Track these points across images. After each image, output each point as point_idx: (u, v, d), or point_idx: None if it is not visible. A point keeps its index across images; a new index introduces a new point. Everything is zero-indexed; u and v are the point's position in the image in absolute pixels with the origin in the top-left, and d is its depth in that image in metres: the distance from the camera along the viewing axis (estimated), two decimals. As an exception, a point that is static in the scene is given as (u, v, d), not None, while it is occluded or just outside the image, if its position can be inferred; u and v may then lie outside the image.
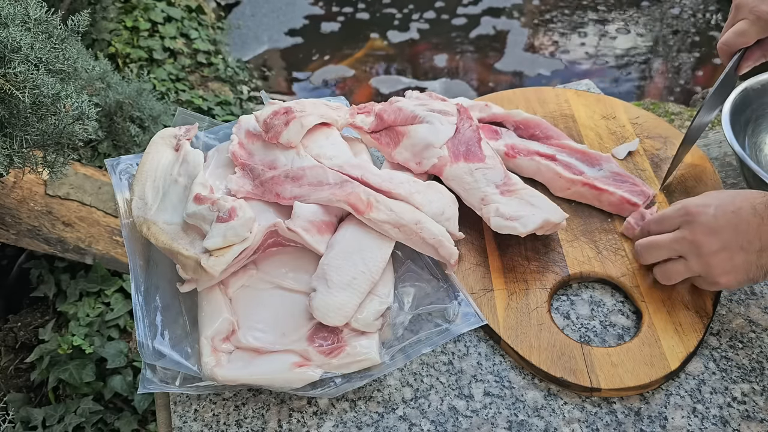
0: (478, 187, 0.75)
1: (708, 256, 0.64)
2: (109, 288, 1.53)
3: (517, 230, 0.71)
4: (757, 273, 0.63)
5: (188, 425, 0.63)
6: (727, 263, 0.63)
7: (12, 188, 1.41)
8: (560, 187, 0.81)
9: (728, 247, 0.62)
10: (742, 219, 0.62)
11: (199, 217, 0.66)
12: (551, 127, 0.86)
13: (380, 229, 0.68)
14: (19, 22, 1.01)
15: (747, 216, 0.62)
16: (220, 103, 2.36)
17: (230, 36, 3.02)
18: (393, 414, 0.63)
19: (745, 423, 0.62)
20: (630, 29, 3.02)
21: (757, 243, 0.61)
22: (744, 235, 0.62)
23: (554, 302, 0.72)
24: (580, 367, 0.64)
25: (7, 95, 0.96)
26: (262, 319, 0.66)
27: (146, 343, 0.64)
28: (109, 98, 1.63)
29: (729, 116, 0.84)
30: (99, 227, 1.51)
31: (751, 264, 0.62)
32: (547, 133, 0.85)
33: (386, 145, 0.80)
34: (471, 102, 0.90)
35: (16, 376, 1.45)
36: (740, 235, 0.62)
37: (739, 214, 0.62)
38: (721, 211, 0.63)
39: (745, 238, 0.62)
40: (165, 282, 0.70)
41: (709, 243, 0.63)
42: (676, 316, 0.68)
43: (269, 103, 0.77)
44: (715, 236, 0.63)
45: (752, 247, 0.62)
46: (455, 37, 3.00)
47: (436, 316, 0.67)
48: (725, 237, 0.62)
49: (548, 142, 0.85)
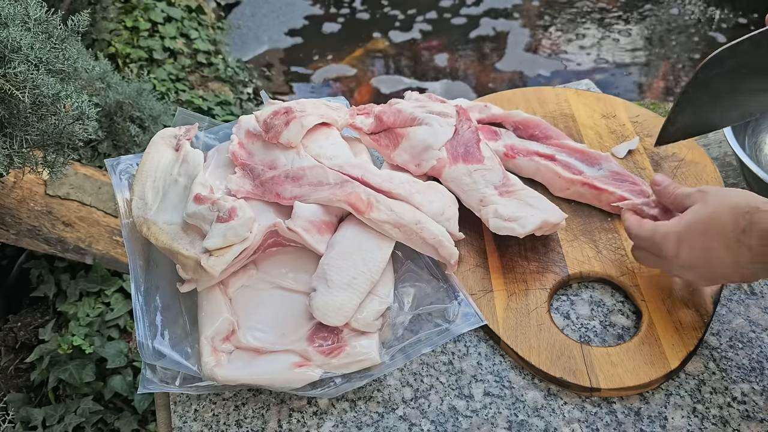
0: (477, 189, 0.75)
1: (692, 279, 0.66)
2: (109, 288, 1.53)
3: (516, 231, 0.71)
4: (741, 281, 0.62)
5: (188, 425, 0.63)
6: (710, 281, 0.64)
7: (12, 188, 1.41)
8: (560, 187, 0.81)
9: (708, 277, 0.63)
10: (715, 256, 0.59)
11: (199, 217, 0.66)
12: (550, 126, 0.86)
13: (380, 229, 0.68)
14: (19, 22, 1.01)
15: (719, 255, 0.59)
16: (220, 103, 2.36)
17: (230, 36, 3.02)
18: (393, 414, 0.63)
19: (745, 423, 0.62)
20: (630, 29, 3.02)
21: (737, 275, 0.60)
22: (720, 269, 0.60)
23: (554, 302, 0.72)
24: (580, 367, 0.64)
25: (7, 95, 0.96)
26: (262, 319, 0.66)
27: (146, 343, 0.64)
28: (109, 98, 1.63)
29: (729, 116, 0.84)
30: (99, 227, 1.51)
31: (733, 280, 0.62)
32: (547, 133, 0.85)
33: (385, 146, 0.80)
34: (470, 103, 0.90)
35: (16, 376, 1.45)
36: (715, 269, 0.60)
37: (710, 251, 0.60)
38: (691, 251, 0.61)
39: (722, 272, 0.60)
40: (165, 282, 0.70)
41: (688, 275, 0.64)
42: (676, 314, 0.68)
43: (269, 103, 0.77)
44: (692, 271, 0.63)
45: (733, 276, 0.60)
46: (456, 37, 3.00)
47: (436, 316, 0.67)
48: (701, 272, 0.62)
49: (548, 142, 0.85)
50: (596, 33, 3.01)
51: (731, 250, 0.58)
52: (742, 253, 0.57)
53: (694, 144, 0.87)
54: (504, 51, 2.93)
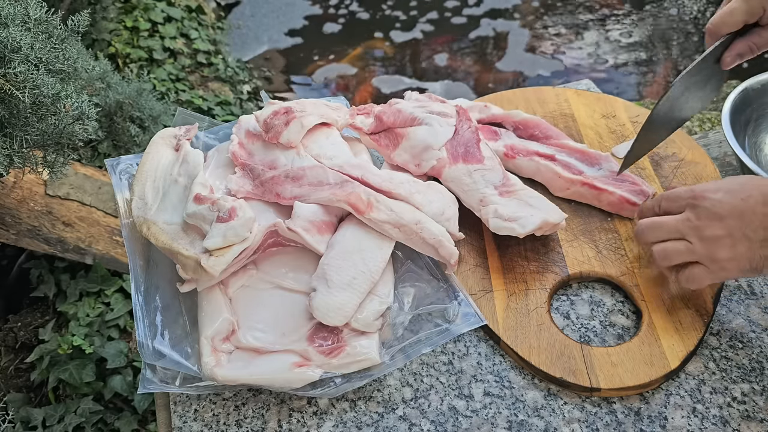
0: (477, 189, 0.75)
1: (710, 241, 0.62)
2: (109, 288, 1.53)
3: (516, 231, 0.71)
4: (759, 263, 0.61)
5: (188, 425, 0.63)
6: (729, 250, 0.62)
7: (12, 188, 1.41)
8: (560, 187, 0.81)
9: (732, 234, 0.61)
10: (749, 207, 0.60)
11: (199, 217, 0.66)
12: (550, 126, 0.86)
13: (380, 229, 0.68)
14: (19, 22, 1.00)
15: (755, 205, 0.60)
16: (220, 103, 2.36)
17: (230, 36, 3.02)
18: (393, 414, 0.63)
19: (745, 423, 0.62)
20: (630, 30, 3.02)
21: (761, 233, 0.60)
22: (749, 223, 0.60)
23: (554, 302, 0.72)
24: (580, 367, 0.64)
25: (7, 95, 0.96)
26: (262, 319, 0.66)
27: (146, 343, 0.64)
28: (109, 98, 1.63)
29: (729, 116, 0.84)
30: (99, 227, 1.51)
31: (755, 253, 0.61)
32: (547, 133, 0.85)
33: (385, 146, 0.80)
34: (470, 103, 0.90)
35: (16, 376, 1.45)
36: (745, 223, 0.60)
37: (747, 202, 0.60)
38: (728, 198, 0.62)
39: (750, 227, 0.60)
40: (165, 282, 0.70)
41: (713, 228, 0.62)
42: (676, 315, 0.68)
43: (269, 103, 0.77)
44: (720, 222, 0.61)
45: (756, 236, 0.60)
46: (458, 37, 3.00)
47: (436, 316, 0.67)
48: (730, 224, 0.61)
49: (547, 142, 0.85)
50: (596, 33, 3.01)
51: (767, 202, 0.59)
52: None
53: (694, 144, 0.87)
54: (504, 51, 2.93)
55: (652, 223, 0.67)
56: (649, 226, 0.67)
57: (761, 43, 0.72)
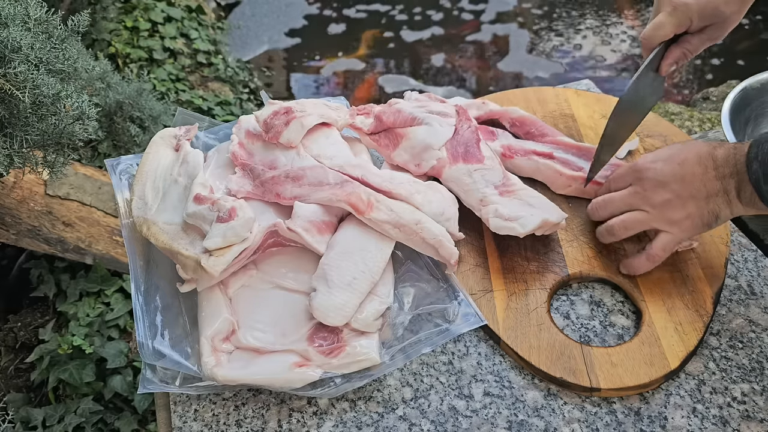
0: (477, 188, 0.75)
1: (662, 205, 0.68)
2: (109, 288, 1.53)
3: (516, 231, 0.71)
4: (709, 218, 0.67)
5: (188, 425, 0.63)
6: (681, 210, 0.67)
7: (12, 188, 1.41)
8: (561, 185, 0.81)
9: (679, 195, 0.67)
10: (687, 170, 0.66)
11: (199, 217, 0.66)
12: (545, 124, 0.87)
13: (380, 229, 0.68)
14: (19, 22, 1.00)
15: (692, 166, 0.66)
16: (220, 103, 2.36)
17: (230, 36, 3.02)
18: (393, 414, 0.63)
19: (745, 423, 0.62)
20: (630, 30, 3.02)
21: (703, 190, 0.66)
22: (690, 184, 0.66)
23: (554, 302, 0.72)
24: (580, 367, 0.64)
25: (7, 95, 0.96)
26: (262, 319, 0.66)
27: (146, 343, 0.64)
28: (109, 98, 1.63)
29: (729, 115, 0.84)
30: (99, 227, 1.51)
31: (702, 209, 0.66)
32: (542, 130, 0.86)
33: (385, 146, 0.80)
34: (468, 101, 0.90)
35: (16, 376, 1.45)
36: (687, 184, 0.66)
37: (684, 166, 0.67)
38: (668, 165, 0.68)
39: (693, 187, 0.66)
40: (165, 282, 0.70)
41: (660, 194, 0.68)
42: (676, 315, 0.68)
43: (269, 103, 0.77)
44: (664, 188, 0.67)
45: (700, 194, 0.66)
46: (461, 41, 3.00)
47: (436, 316, 0.67)
48: (674, 187, 0.67)
49: (543, 140, 0.85)
50: (596, 33, 3.01)
51: (702, 163, 0.66)
52: (709, 166, 0.65)
53: None
54: (507, 52, 2.93)
55: (604, 200, 0.73)
56: (601, 203, 0.73)
57: (693, 49, 0.77)
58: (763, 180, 0.61)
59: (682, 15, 0.74)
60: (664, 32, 0.75)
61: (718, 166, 0.65)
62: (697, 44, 0.76)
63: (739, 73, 2.70)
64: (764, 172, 0.60)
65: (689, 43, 0.76)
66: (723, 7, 0.73)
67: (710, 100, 2.31)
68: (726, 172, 0.64)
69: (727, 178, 0.64)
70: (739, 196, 0.64)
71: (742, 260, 0.76)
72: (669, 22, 0.74)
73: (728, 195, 0.65)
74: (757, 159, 0.61)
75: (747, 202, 0.64)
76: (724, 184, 0.65)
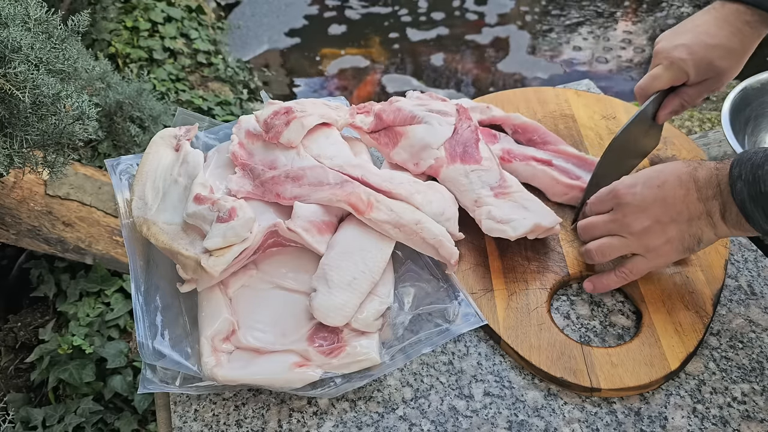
0: (473, 189, 0.75)
1: (641, 233, 0.66)
2: (109, 288, 1.53)
3: (507, 233, 0.71)
4: (690, 242, 0.65)
5: (188, 425, 0.63)
6: (660, 236, 0.65)
7: (12, 188, 1.41)
8: (557, 193, 0.80)
9: (659, 221, 0.65)
10: (668, 192, 0.64)
11: (199, 217, 0.66)
12: (549, 132, 0.86)
13: (380, 229, 0.68)
14: (19, 22, 1.00)
15: (672, 189, 0.64)
16: (220, 103, 2.36)
17: (230, 36, 3.02)
18: (393, 414, 0.63)
19: (745, 423, 0.62)
20: (630, 30, 3.02)
21: (685, 213, 0.64)
22: (672, 207, 0.64)
23: (554, 302, 0.72)
24: (580, 367, 0.64)
25: (7, 95, 0.96)
26: (262, 319, 0.66)
27: (146, 343, 0.64)
28: (109, 98, 1.63)
29: (729, 115, 0.84)
30: (99, 227, 1.51)
31: (684, 233, 0.64)
32: (545, 138, 0.85)
33: (385, 145, 0.80)
34: (473, 103, 0.90)
35: (16, 376, 1.45)
36: (668, 207, 0.64)
37: (664, 188, 0.64)
38: (646, 189, 0.65)
39: (674, 210, 0.64)
40: (165, 282, 0.70)
41: (640, 220, 0.65)
42: (676, 315, 0.68)
43: (269, 103, 0.77)
44: (644, 213, 0.65)
45: (681, 217, 0.64)
46: (461, 42, 3.00)
47: (436, 316, 0.67)
48: (654, 212, 0.65)
49: (545, 148, 0.85)
50: (596, 33, 3.01)
51: (684, 185, 0.63)
52: (691, 188, 0.63)
53: (693, 146, 0.87)
54: (508, 54, 2.93)
55: (586, 224, 0.71)
56: (582, 228, 0.72)
57: (690, 100, 0.78)
58: (749, 200, 0.58)
59: (678, 69, 0.75)
60: (660, 84, 0.76)
61: (700, 188, 0.63)
62: (694, 95, 0.78)
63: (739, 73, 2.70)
64: (749, 193, 0.58)
65: (687, 94, 0.78)
66: (718, 62, 0.75)
67: (710, 100, 2.31)
68: (709, 194, 0.62)
69: (711, 200, 0.62)
70: (724, 218, 0.62)
71: (742, 260, 0.76)
72: (665, 75, 0.76)
73: (712, 217, 0.63)
74: (741, 178, 0.59)
75: (732, 224, 0.62)
76: (707, 206, 0.62)
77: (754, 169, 0.58)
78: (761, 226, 0.59)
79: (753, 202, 0.58)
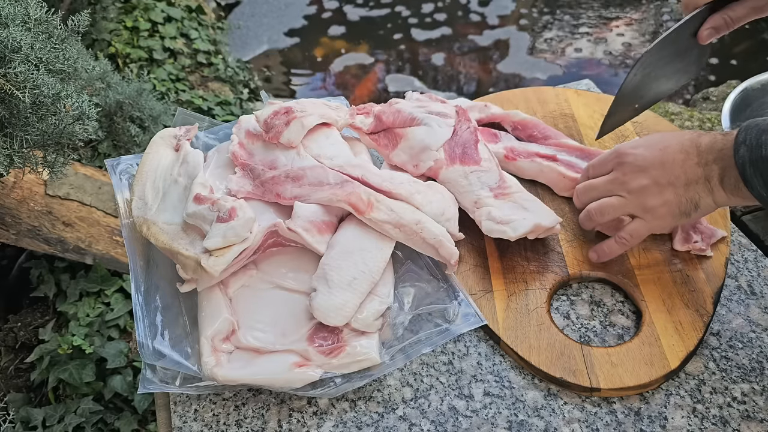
0: (472, 190, 0.75)
1: (639, 192, 0.67)
2: (109, 288, 1.53)
3: (507, 234, 0.71)
4: (687, 206, 0.66)
5: (188, 425, 0.63)
6: (657, 197, 0.66)
7: (12, 188, 1.41)
8: (565, 187, 0.81)
9: (657, 182, 0.66)
10: (668, 156, 0.65)
11: (199, 217, 0.66)
12: (549, 127, 0.86)
13: (381, 229, 0.68)
14: (19, 22, 1.00)
15: (673, 153, 0.65)
16: (220, 103, 2.36)
17: (230, 36, 3.02)
18: (393, 414, 0.63)
19: (745, 423, 0.62)
20: (630, 30, 3.02)
21: (683, 177, 0.64)
22: (671, 170, 0.65)
23: (554, 302, 0.72)
24: (580, 367, 0.64)
25: (7, 95, 0.96)
26: (262, 319, 0.66)
27: (146, 343, 0.64)
28: (109, 98, 1.63)
29: (729, 116, 0.84)
30: (99, 227, 1.51)
31: (681, 197, 0.65)
32: (545, 133, 0.86)
33: (385, 146, 0.80)
34: (470, 103, 0.90)
35: (16, 376, 1.45)
36: (667, 171, 0.65)
37: (666, 152, 0.65)
38: (648, 151, 0.67)
39: (672, 174, 0.65)
40: (165, 282, 0.70)
41: (639, 179, 0.67)
42: (676, 315, 0.68)
43: (269, 103, 0.77)
44: (644, 173, 0.66)
45: (679, 181, 0.65)
46: (462, 44, 2.99)
47: (436, 316, 0.67)
48: (653, 173, 0.66)
49: (547, 143, 0.85)
50: (596, 34, 3.01)
51: (684, 149, 0.64)
52: (691, 153, 0.64)
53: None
54: (508, 54, 2.93)
55: (585, 186, 0.72)
56: (582, 189, 0.73)
57: (736, 17, 0.72)
58: (750, 164, 0.59)
59: None
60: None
61: (701, 152, 0.63)
62: (741, 13, 0.71)
63: (739, 73, 2.70)
64: (751, 157, 0.59)
65: (733, 10, 0.71)
66: None
67: (710, 100, 2.31)
68: (709, 158, 0.63)
69: (710, 164, 0.63)
70: (722, 183, 0.62)
71: (742, 260, 0.76)
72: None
73: (710, 182, 0.63)
74: (745, 143, 0.59)
75: (731, 190, 0.62)
76: (706, 170, 0.63)
77: (759, 134, 0.59)
78: (759, 191, 0.59)
79: (753, 167, 0.59)
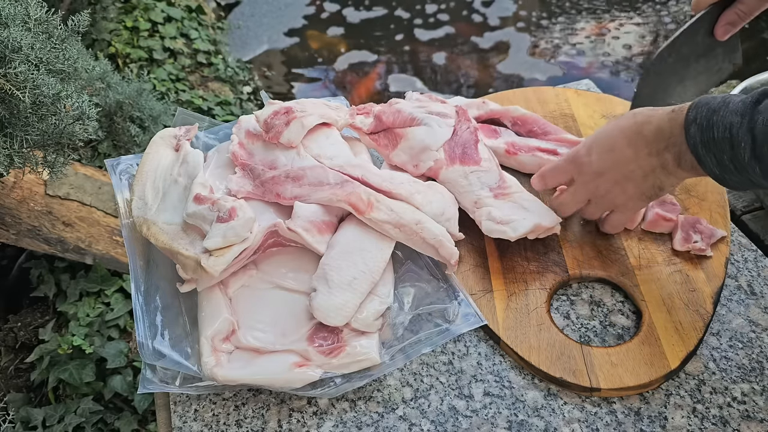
0: (472, 191, 0.75)
1: (604, 195, 0.70)
2: (109, 288, 1.53)
3: (507, 234, 0.71)
4: (652, 191, 0.68)
5: (188, 425, 0.63)
6: (622, 195, 0.69)
7: (12, 188, 1.41)
8: None
9: (617, 182, 0.68)
10: (619, 155, 0.67)
11: (199, 217, 0.66)
12: (548, 122, 0.86)
13: (381, 229, 0.68)
14: (19, 22, 1.01)
15: (621, 150, 0.66)
16: (220, 103, 2.36)
17: (230, 36, 3.02)
18: (393, 414, 0.63)
19: (745, 423, 0.62)
20: (630, 29, 3.02)
21: (638, 171, 0.66)
22: (625, 168, 0.67)
23: (554, 302, 0.72)
24: (580, 367, 0.64)
25: (7, 95, 0.96)
26: (262, 319, 0.66)
27: (146, 343, 0.64)
28: (109, 98, 1.63)
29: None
30: (99, 227, 1.51)
31: (641, 187, 0.67)
32: (545, 129, 0.86)
33: (385, 146, 0.80)
34: (468, 100, 0.90)
35: (16, 376, 1.45)
36: (622, 168, 0.67)
37: (615, 152, 0.67)
38: (600, 155, 0.68)
39: (627, 170, 0.67)
40: (165, 282, 0.70)
41: (602, 186, 0.69)
42: (676, 315, 0.68)
43: (269, 103, 0.77)
44: (603, 178, 0.69)
45: (635, 175, 0.67)
46: (462, 44, 2.99)
47: (436, 316, 0.67)
48: (611, 176, 0.68)
49: (547, 138, 0.85)
50: (596, 34, 3.01)
51: (632, 144, 0.65)
52: (640, 146, 0.65)
53: None
54: (508, 55, 2.93)
55: (559, 205, 0.75)
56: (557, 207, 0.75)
57: (747, 10, 0.74)
58: (701, 145, 0.59)
59: None
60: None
61: (649, 143, 0.64)
62: (752, 5, 0.73)
63: (739, 73, 2.70)
64: (702, 138, 0.58)
65: (744, 3, 0.73)
66: None
67: (710, 100, 2.31)
68: (660, 147, 0.63)
69: (662, 153, 0.63)
70: (679, 165, 0.63)
71: (742, 260, 0.76)
72: None
73: (666, 168, 0.64)
74: (696, 122, 0.59)
75: (688, 169, 0.63)
76: (660, 159, 0.64)
77: (710, 114, 0.58)
78: (712, 170, 0.60)
79: (705, 148, 0.59)
